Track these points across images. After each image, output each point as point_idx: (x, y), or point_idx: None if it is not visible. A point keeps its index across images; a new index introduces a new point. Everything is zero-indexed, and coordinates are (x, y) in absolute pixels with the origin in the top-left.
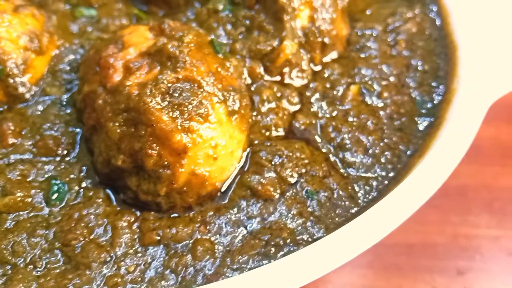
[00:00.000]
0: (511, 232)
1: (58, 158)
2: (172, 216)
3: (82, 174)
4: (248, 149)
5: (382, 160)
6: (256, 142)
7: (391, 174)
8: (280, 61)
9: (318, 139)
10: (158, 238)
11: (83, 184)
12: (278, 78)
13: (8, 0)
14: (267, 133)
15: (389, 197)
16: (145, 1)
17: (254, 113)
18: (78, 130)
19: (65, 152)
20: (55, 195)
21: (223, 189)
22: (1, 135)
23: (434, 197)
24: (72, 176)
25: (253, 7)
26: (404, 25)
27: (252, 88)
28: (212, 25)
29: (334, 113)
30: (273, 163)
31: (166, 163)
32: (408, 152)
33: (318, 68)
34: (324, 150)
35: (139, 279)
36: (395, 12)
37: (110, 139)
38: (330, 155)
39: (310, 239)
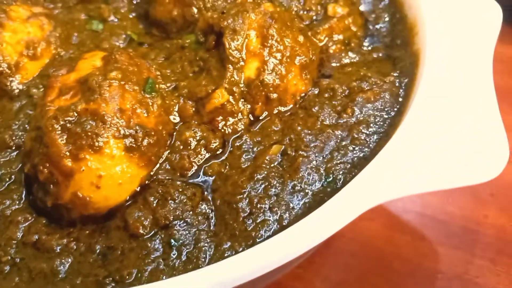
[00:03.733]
0: None
1: (8, 151)
2: (58, 226)
3: (17, 169)
4: (147, 182)
5: (258, 230)
6: (157, 178)
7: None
8: (209, 107)
9: (214, 192)
10: (35, 240)
11: (13, 178)
12: (209, 122)
13: (26, 7)
14: (173, 172)
15: (226, 261)
16: (150, 23)
17: (167, 152)
18: None
19: (14, 147)
20: None
21: (108, 215)
22: None
23: (395, 274)
24: (9, 169)
25: (211, 49)
26: (364, 92)
27: (177, 127)
28: (175, 59)
29: (245, 167)
30: (155, 202)
31: (55, 180)
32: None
33: (259, 119)
34: (211, 204)
35: (4, 269)
36: (366, 75)
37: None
38: (212, 211)
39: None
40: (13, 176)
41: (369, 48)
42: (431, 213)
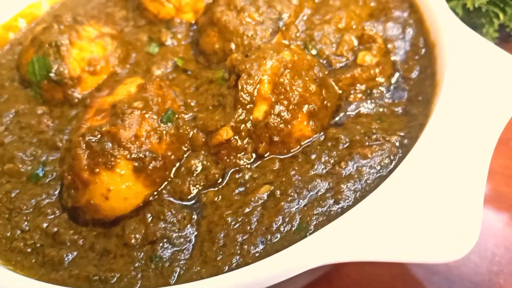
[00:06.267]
0: None
1: (58, 152)
2: (74, 223)
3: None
4: (151, 199)
5: (224, 263)
6: (160, 196)
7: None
8: (214, 141)
9: (202, 218)
10: (55, 231)
11: (54, 175)
12: (215, 154)
13: (97, 27)
14: (173, 194)
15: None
16: (199, 51)
17: (173, 174)
18: None
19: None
20: (34, 176)
21: (115, 222)
22: (38, 124)
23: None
24: (54, 167)
25: (231, 87)
26: (363, 147)
27: (186, 155)
28: (203, 91)
29: (235, 199)
30: (150, 219)
31: (76, 186)
32: None
33: (263, 157)
34: (195, 230)
35: (28, 251)
36: (371, 131)
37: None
38: (194, 236)
39: None
40: (54, 173)
41: (390, 100)
42: (444, 271)
